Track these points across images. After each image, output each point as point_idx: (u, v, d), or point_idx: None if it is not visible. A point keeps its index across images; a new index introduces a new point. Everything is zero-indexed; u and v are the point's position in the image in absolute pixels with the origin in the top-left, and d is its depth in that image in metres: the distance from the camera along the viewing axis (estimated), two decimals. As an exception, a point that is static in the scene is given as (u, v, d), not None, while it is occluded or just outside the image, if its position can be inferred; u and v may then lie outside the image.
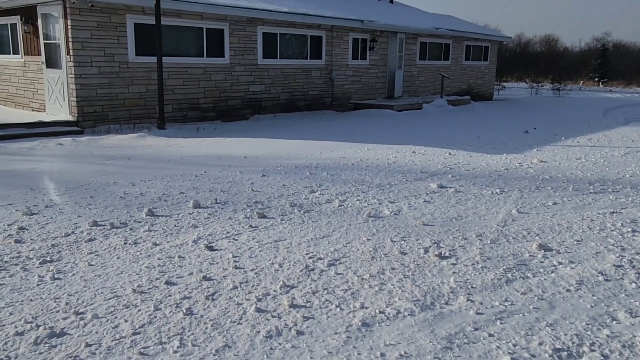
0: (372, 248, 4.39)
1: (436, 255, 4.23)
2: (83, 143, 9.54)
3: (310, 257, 4.15)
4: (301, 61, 14.95)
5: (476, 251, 4.35)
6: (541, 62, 42.91)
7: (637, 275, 3.88)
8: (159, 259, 4.06)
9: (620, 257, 4.23)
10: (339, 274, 3.87)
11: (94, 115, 11.01)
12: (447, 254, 4.27)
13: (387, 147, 9.32)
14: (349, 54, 16.29)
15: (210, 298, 3.41)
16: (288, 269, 3.93)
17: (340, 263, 4.06)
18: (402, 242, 4.55)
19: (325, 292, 3.55)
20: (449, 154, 8.79)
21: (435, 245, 4.48)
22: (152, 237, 4.53)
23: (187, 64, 12.39)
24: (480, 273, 3.90)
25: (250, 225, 4.90)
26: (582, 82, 40.99)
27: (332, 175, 7.08)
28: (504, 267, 4.01)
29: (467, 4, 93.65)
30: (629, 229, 4.93)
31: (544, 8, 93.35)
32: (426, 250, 4.34)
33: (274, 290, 3.55)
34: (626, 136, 11.40)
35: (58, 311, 3.18)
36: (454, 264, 4.07)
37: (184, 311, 3.21)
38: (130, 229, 4.74)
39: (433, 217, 5.29)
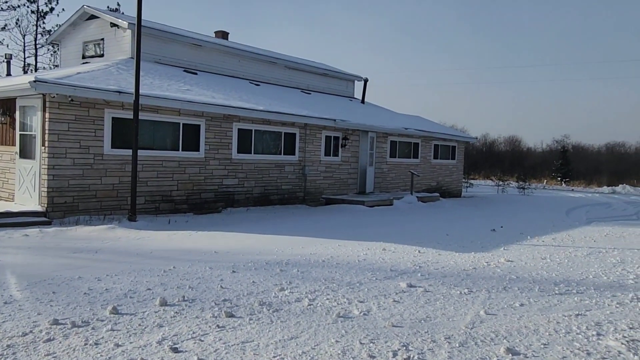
0: (340, 351, 4.33)
1: (405, 359, 4.19)
2: (50, 234, 9.38)
3: (277, 360, 4.06)
4: (275, 156, 15.35)
5: (445, 355, 4.32)
6: (506, 161, 44.81)
7: (603, 381, 3.90)
8: (120, 361, 3.92)
9: (586, 362, 4.25)
10: (307, 378, 3.78)
11: (64, 206, 10.93)
12: (416, 358, 4.23)
13: (357, 244, 9.41)
14: (321, 150, 16.83)
15: (171, 405, 3.28)
16: (254, 373, 3.82)
17: (307, 367, 3.98)
18: (371, 344, 4.50)
19: (292, 398, 3.45)
20: (419, 251, 8.91)
21: (404, 348, 4.45)
22: (114, 338, 4.39)
23: (162, 156, 12.59)
24: (449, 378, 3.86)
25: (218, 325, 4.81)
26: (545, 181, 42.69)
27: (303, 272, 7.07)
28: (473, 371, 3.99)
29: (435, 106, 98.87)
30: (594, 332, 5.00)
31: (507, 110, 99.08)
32: (395, 354, 4.30)
33: (239, 397, 3.43)
34: (588, 236, 11.78)
35: (8, 420, 3.01)
36: (422, 368, 4.03)
37: (143, 420, 3.07)
38: (92, 328, 4.59)
39: (402, 317, 5.28)
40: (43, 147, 10.85)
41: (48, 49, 48.48)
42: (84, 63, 15.91)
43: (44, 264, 7.02)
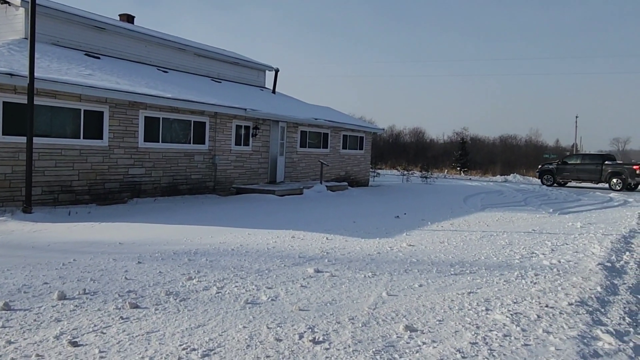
0: (247, 336, 4.40)
1: (310, 341, 4.34)
2: None
3: (183, 349, 4.06)
4: (184, 146, 15.00)
5: (348, 335, 4.53)
6: (411, 152, 46.81)
7: (489, 351, 4.28)
8: (12, 359, 3.73)
9: (475, 335, 4.63)
10: (213, 364, 3.81)
11: (-52, 197, 10.04)
12: (320, 339, 4.40)
13: (267, 232, 9.49)
14: (232, 140, 16.67)
15: (71, 399, 3.19)
16: (159, 362, 3.80)
17: (214, 353, 4.02)
18: (278, 328, 4.61)
19: (198, 384, 3.48)
20: (327, 238, 9.16)
21: (310, 330, 4.60)
22: (6, 335, 4.16)
23: (61, 145, 11.89)
24: (351, 356, 4.06)
25: (121, 317, 4.70)
26: (446, 170, 45.14)
27: (211, 261, 7.04)
28: (374, 349, 4.22)
29: (345, 98, 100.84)
30: (483, 308, 5.44)
31: (412, 103, 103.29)
32: (301, 336, 4.44)
33: (143, 386, 3.41)
34: (482, 221, 12.67)
35: None
36: (327, 349, 4.20)
37: (40, 415, 2.97)
38: (-18, 326, 4.32)
39: (309, 302, 5.44)
40: None
41: None
42: (-31, 42, 14.57)
43: None
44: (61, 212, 11.02)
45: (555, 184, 29.87)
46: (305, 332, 4.54)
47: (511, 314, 5.25)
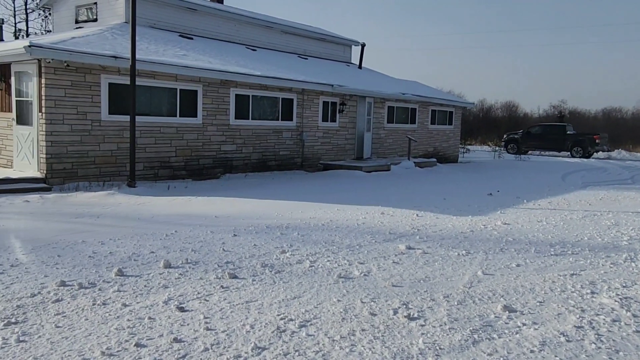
0: (342, 309, 4.45)
1: (405, 317, 4.31)
2: (50, 200, 9.43)
3: (281, 318, 4.18)
4: (272, 122, 15.31)
5: (444, 312, 4.45)
6: (503, 127, 44.70)
7: (596, 336, 4.03)
8: (128, 320, 4.03)
9: (581, 319, 4.39)
10: (310, 335, 3.90)
11: (63, 172, 10.95)
12: (415, 315, 4.36)
13: (356, 208, 9.51)
14: (319, 116, 16.78)
15: (181, 360, 3.39)
16: (259, 330, 3.94)
17: (311, 324, 4.10)
18: (372, 303, 4.63)
19: (297, 353, 3.58)
20: (417, 215, 9.02)
21: (404, 306, 4.57)
22: (121, 298, 4.50)
23: (160, 123, 12.55)
24: (447, 334, 3.99)
25: (222, 286, 4.92)
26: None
27: (303, 235, 7.18)
28: (471, 328, 4.12)
29: (432, 71, 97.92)
30: (588, 291, 5.13)
31: (505, 76, 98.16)
32: (395, 312, 4.42)
33: (246, 352, 3.56)
34: (584, 200, 11.91)
35: (24, 375, 3.12)
36: (422, 325, 4.16)
37: (154, 374, 3.19)
38: (99, 290, 4.70)
39: (402, 278, 5.40)
40: (40, 113, 10.79)
41: (39, 14, 47.55)
42: (77, 28, 15.67)
43: (46, 229, 7.09)
44: (161, 187, 11.68)
45: (519, 153, 31.14)
46: (399, 307, 4.52)
47: (620, 299, 4.91)
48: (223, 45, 16.81)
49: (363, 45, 22.64)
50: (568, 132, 30.42)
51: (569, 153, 30.20)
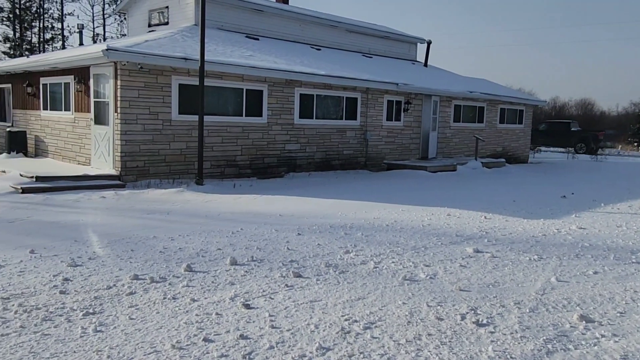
0: (408, 312, 4.36)
1: (473, 322, 4.17)
2: (124, 197, 9.87)
3: (346, 319, 4.15)
4: (336, 121, 15.31)
5: (515, 320, 4.27)
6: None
7: (686, 352, 3.73)
8: (197, 315, 4.13)
9: (667, 332, 4.08)
10: (375, 337, 3.84)
11: (136, 170, 11.43)
12: (484, 322, 4.20)
13: (421, 209, 9.33)
14: (383, 115, 16.62)
15: (247, 357, 3.43)
16: (324, 330, 3.93)
17: (376, 326, 4.04)
18: (439, 307, 4.50)
19: (362, 356, 3.53)
20: (485, 217, 8.73)
21: (472, 311, 4.42)
22: (190, 293, 4.62)
23: (227, 122, 12.85)
24: (519, 343, 3.82)
25: (286, 284, 4.95)
26: (620, 146, 40.36)
27: (367, 236, 7.11)
28: (544, 337, 3.92)
29: (500, 68, 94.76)
30: (676, 302, 4.76)
31: (579, 72, 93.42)
32: (463, 317, 4.28)
33: (310, 352, 3.55)
34: (668, 204, 11.11)
35: (100, 364, 3.26)
36: (492, 332, 4.00)
37: (221, 370, 3.24)
38: (169, 284, 4.85)
39: (469, 282, 5.23)
40: (116, 114, 11.32)
41: (115, 19, 50.00)
42: (150, 31, 16.32)
43: (121, 224, 7.42)
44: (227, 185, 11.95)
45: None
46: (467, 313, 4.37)
47: None
48: (288, 45, 17.00)
49: (429, 43, 22.23)
50: (572, 129, 30.95)
51: (572, 149, 30.37)
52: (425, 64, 22.37)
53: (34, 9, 48.68)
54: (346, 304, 4.51)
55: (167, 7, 16.33)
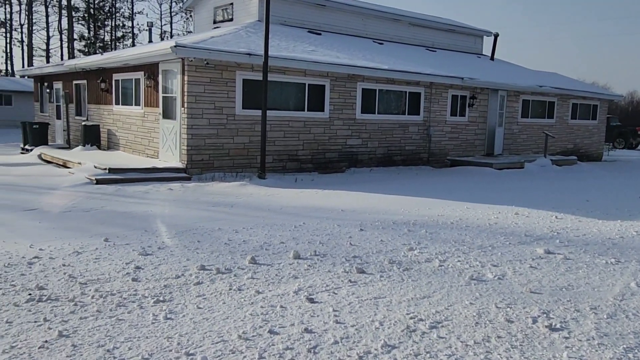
0: (475, 313, 4.22)
1: (546, 327, 3.98)
2: (190, 189, 10.15)
3: (411, 318, 4.07)
4: (399, 116, 15.11)
5: (591, 325, 4.04)
6: (656, 122, 40.00)
7: None
8: (261, 307, 4.17)
9: None
10: (442, 337, 3.74)
11: (201, 163, 11.74)
12: (558, 326, 4.00)
13: (487, 207, 9.04)
14: (447, 110, 16.24)
15: (312, 351, 3.43)
16: (389, 327, 3.86)
17: (442, 326, 3.94)
18: (508, 309, 4.33)
19: (428, 355, 3.44)
20: (556, 217, 8.34)
21: (545, 315, 4.22)
22: (255, 285, 4.67)
23: (289, 117, 12.95)
24: (596, 350, 3.60)
25: (350, 280, 4.91)
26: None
27: (431, 233, 6.96)
28: (624, 345, 3.68)
29: (572, 62, 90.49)
30: None
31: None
32: (534, 320, 4.10)
33: (375, 349, 3.50)
34: None
35: (171, 350, 3.35)
36: (566, 338, 3.80)
37: (287, 362, 3.24)
38: (235, 275, 4.92)
39: (540, 284, 5.00)
40: (183, 108, 11.66)
41: (181, 16, 51.58)
42: (215, 28, 16.70)
43: (187, 215, 7.63)
44: (289, 179, 12.06)
45: None
46: (539, 316, 4.18)
47: None
48: (350, 40, 16.92)
49: (496, 36, 21.50)
50: (612, 124, 30.74)
51: (611, 144, 30.37)
52: (492, 58, 21.66)
53: (107, 8, 51.01)
54: (411, 301, 4.42)
55: (231, 3, 16.64)
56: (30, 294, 4.23)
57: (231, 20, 16.63)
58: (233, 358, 3.28)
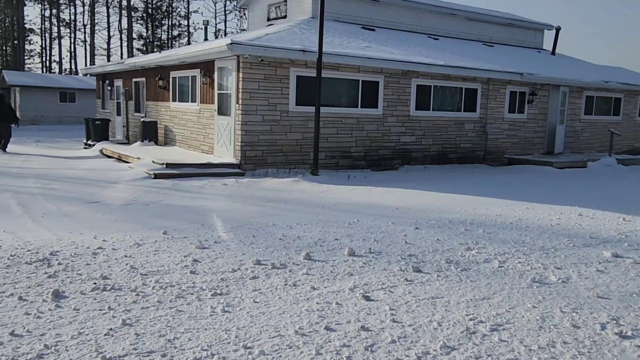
0: (539, 317, 4.05)
1: (616, 334, 3.76)
2: (244, 185, 10.29)
3: (470, 319, 3.94)
4: (454, 113, 14.78)
5: (667, 335, 3.79)
6: None
7: None
8: (317, 303, 4.15)
9: None
10: (503, 340, 3.60)
11: (255, 159, 11.87)
12: (629, 334, 3.78)
13: (548, 207, 8.69)
14: (505, 107, 15.75)
15: (369, 349, 3.37)
16: (447, 328, 3.76)
17: (503, 329, 3.80)
18: (574, 313, 4.13)
19: (490, 358, 3.33)
20: (624, 219, 7.92)
21: (614, 322, 4.00)
22: (310, 281, 4.66)
23: (342, 113, 12.91)
24: (674, 361, 3.37)
25: (406, 279, 4.82)
26: None
27: (489, 233, 6.75)
28: None
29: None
30: None
31: None
32: (603, 327, 3.89)
33: (434, 350, 3.41)
34: None
35: (229, 343, 3.38)
36: (638, 346, 3.58)
37: (345, 359, 3.20)
38: (290, 271, 4.93)
39: (608, 289, 4.75)
40: (237, 105, 11.82)
41: (235, 14, 52.45)
42: (268, 25, 16.85)
43: (242, 210, 7.73)
44: (341, 175, 12.02)
45: None
46: (607, 323, 3.96)
47: None
48: (404, 36, 16.68)
49: (557, 29, 20.66)
50: None
51: None
52: (553, 52, 20.85)
53: (164, 7, 52.55)
54: (470, 303, 4.29)
55: (285, 1, 16.74)
56: (95, 283, 4.39)
57: (285, 17, 16.73)
58: (290, 353, 3.27)
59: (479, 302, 4.32)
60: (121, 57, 48.51)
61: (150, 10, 51.82)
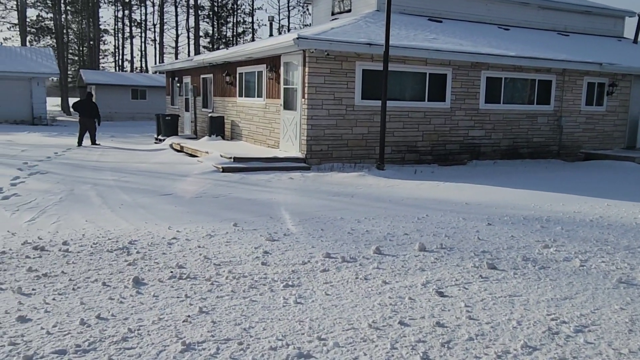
0: (628, 319, 3.79)
1: None
2: (310, 179, 10.33)
3: (552, 319, 3.75)
4: (526, 106, 14.19)
5: None
6: None
7: None
8: (389, 297, 4.08)
9: None
10: (590, 343, 3.40)
11: (320, 153, 11.90)
12: None
13: (632, 205, 8.17)
14: (582, 99, 14.96)
15: (445, 346, 3.28)
16: (528, 328, 3.59)
17: (589, 331, 3.59)
18: (668, 317, 3.84)
19: (576, 362, 3.14)
20: None
21: None
22: (381, 275, 4.59)
23: (408, 107, 12.69)
24: None
25: (480, 276, 4.66)
26: None
27: (568, 230, 6.42)
28: None
29: None
30: None
31: None
32: (702, 333, 3.59)
33: (515, 349, 3.26)
34: None
35: (303, 334, 3.38)
36: None
37: (421, 355, 3.13)
38: (360, 265, 4.88)
39: None
40: (303, 99, 11.88)
41: (298, 10, 52.75)
42: (333, 19, 16.80)
43: (309, 204, 7.75)
44: (407, 170, 11.83)
45: None
46: None
47: None
48: (473, 27, 16.17)
49: None
50: None
51: None
52: (635, 41, 19.58)
53: (229, 5, 53.75)
54: (551, 302, 4.09)
55: (350, -6, 16.64)
56: (171, 272, 4.52)
57: (349, 11, 16.63)
58: (365, 346, 3.23)
59: (560, 301, 4.11)
60: (188, 55, 50.09)
61: (216, 9, 53.16)
